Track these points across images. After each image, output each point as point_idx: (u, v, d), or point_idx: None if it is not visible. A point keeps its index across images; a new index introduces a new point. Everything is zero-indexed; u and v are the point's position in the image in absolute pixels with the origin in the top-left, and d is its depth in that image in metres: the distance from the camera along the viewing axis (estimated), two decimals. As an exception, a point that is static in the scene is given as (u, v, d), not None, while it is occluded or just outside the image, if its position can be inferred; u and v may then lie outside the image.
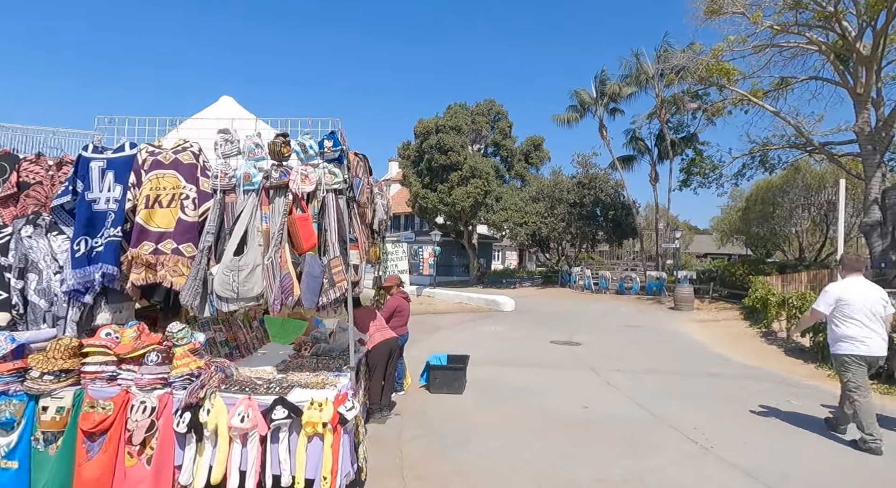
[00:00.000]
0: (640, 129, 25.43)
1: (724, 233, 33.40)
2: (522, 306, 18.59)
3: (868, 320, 4.56)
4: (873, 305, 4.57)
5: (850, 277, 4.81)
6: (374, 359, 5.08)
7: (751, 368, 8.27)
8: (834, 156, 20.46)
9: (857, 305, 4.58)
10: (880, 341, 4.54)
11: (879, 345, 4.54)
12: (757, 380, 7.38)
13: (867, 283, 4.75)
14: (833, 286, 4.82)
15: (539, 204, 27.76)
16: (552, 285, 28.99)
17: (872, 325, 4.55)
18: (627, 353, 9.55)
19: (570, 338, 11.41)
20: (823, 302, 4.77)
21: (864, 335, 4.54)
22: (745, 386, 6.98)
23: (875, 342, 4.53)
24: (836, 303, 4.68)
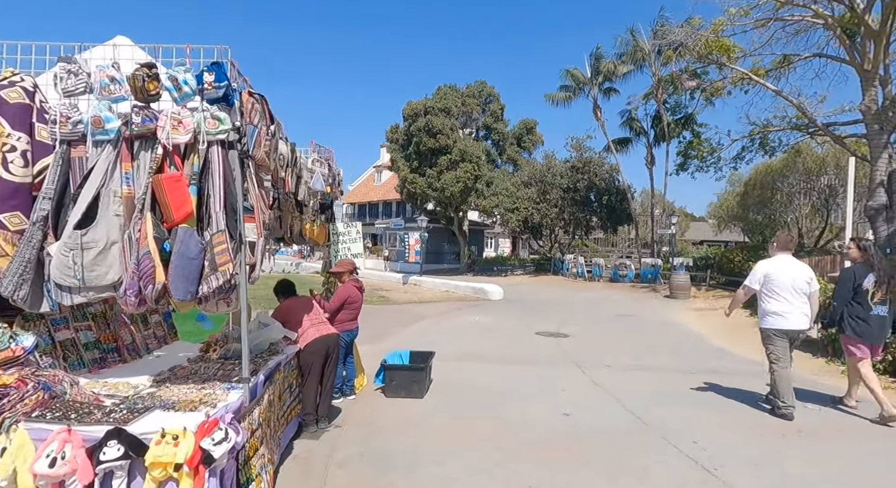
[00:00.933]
0: (635, 111, 24.43)
1: (722, 220, 32.55)
2: (511, 295, 17.73)
3: (791, 296, 4.77)
4: (797, 283, 4.77)
5: (779, 255, 4.99)
6: (307, 360, 4.16)
7: (754, 364, 7.40)
8: (838, 137, 19.52)
9: (782, 282, 4.78)
10: (801, 316, 4.79)
11: (800, 320, 4.79)
12: (763, 379, 6.52)
13: (794, 262, 4.94)
14: (762, 263, 5.02)
15: (531, 189, 26.80)
16: (545, 273, 28.15)
17: (795, 301, 4.77)
18: (618, 346, 8.69)
19: (557, 328, 10.55)
20: (754, 278, 4.98)
21: (785, 310, 4.77)
22: (751, 387, 6.12)
23: (795, 317, 4.77)
24: (764, 280, 4.88)
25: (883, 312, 4.72)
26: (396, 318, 11.50)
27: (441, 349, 7.78)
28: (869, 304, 4.70)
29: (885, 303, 4.71)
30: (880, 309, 4.71)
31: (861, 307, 4.74)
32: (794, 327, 4.80)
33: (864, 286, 4.74)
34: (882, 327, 4.76)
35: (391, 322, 10.89)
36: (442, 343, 8.44)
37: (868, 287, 4.72)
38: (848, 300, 4.83)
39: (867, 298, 4.72)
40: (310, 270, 28.89)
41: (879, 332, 4.77)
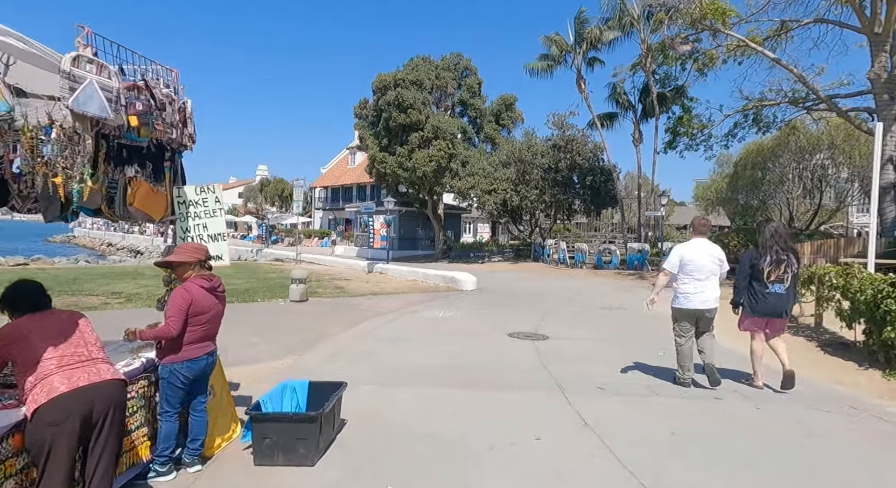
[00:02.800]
0: (622, 83, 22.62)
1: (710, 203, 31.16)
2: (486, 284, 15.90)
3: (705, 278, 5.04)
4: (710, 265, 5.04)
5: (695, 239, 5.22)
6: (41, 440, 2.17)
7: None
8: (842, 110, 17.98)
9: (696, 264, 5.02)
10: (711, 296, 5.08)
11: (710, 299, 5.08)
12: (812, 406, 4.77)
13: (708, 244, 5.18)
14: (678, 247, 5.25)
15: (510, 169, 24.89)
16: (524, 259, 26.44)
17: (707, 283, 5.05)
18: (610, 353, 6.89)
19: (535, 328, 8.73)
20: (672, 262, 5.15)
21: (694, 291, 5.04)
22: (801, 421, 4.35)
23: (704, 297, 5.05)
24: (680, 263, 5.07)
25: (780, 290, 5.04)
26: (344, 315, 9.57)
27: (382, 361, 5.90)
28: (765, 283, 5.03)
29: (781, 281, 5.02)
30: (777, 287, 5.03)
31: (759, 285, 5.08)
32: (702, 307, 5.10)
33: (760, 266, 5.05)
34: (778, 302, 5.08)
35: (336, 320, 8.96)
36: (386, 352, 6.54)
37: (763, 267, 5.03)
38: (746, 280, 5.16)
39: (764, 278, 5.03)
40: (270, 257, 26.68)
41: (775, 306, 5.09)
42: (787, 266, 5.00)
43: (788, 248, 5.09)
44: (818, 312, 8.15)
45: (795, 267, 5.06)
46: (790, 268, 5.00)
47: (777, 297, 5.05)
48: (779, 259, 4.99)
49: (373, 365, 5.86)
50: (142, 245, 42.55)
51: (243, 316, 9.07)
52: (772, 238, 5.06)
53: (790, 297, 5.15)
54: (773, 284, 5.01)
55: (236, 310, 9.74)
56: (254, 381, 5.09)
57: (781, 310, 5.14)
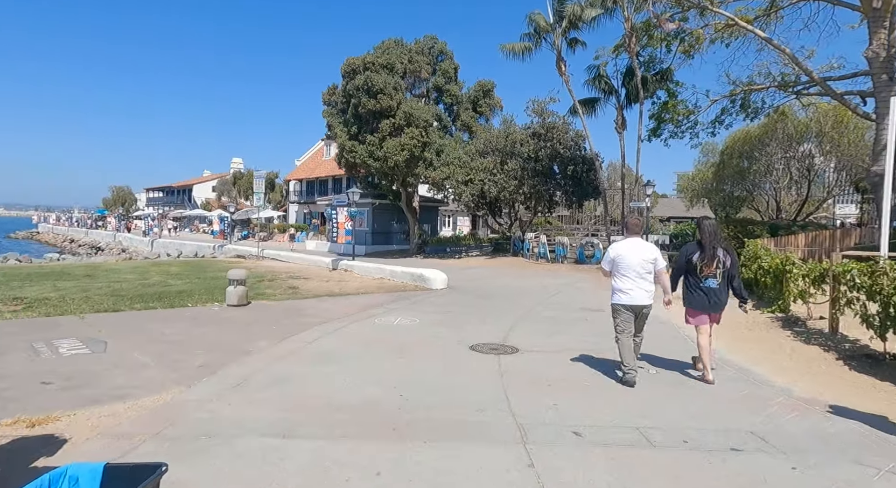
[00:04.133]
0: (604, 66, 21.31)
1: (696, 193, 30.19)
2: (458, 282, 14.56)
3: (637, 276, 5.13)
4: (643, 263, 5.12)
5: (629, 238, 5.35)
6: None
7: (821, 410, 4.40)
8: (836, 92, 16.93)
9: (628, 262, 5.14)
10: (645, 293, 5.14)
11: (642, 296, 5.14)
12: (860, 459, 3.49)
13: (641, 243, 5.29)
14: (614, 245, 5.40)
15: (487, 159, 23.50)
16: (503, 254, 25.17)
17: (640, 280, 5.13)
18: (588, 371, 5.58)
19: (504, 337, 7.39)
20: (606, 259, 5.37)
21: (629, 287, 5.15)
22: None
23: (638, 293, 5.13)
24: (614, 260, 5.23)
25: (713, 284, 5.20)
26: (282, 324, 8.12)
27: (295, 395, 4.52)
28: (699, 277, 5.23)
29: (714, 276, 5.18)
30: (710, 281, 5.20)
31: (693, 279, 5.28)
32: (638, 303, 5.17)
33: (693, 261, 5.25)
34: (712, 297, 5.21)
35: (267, 331, 7.51)
36: (307, 379, 5.13)
37: (696, 262, 5.23)
38: (680, 273, 5.42)
39: (697, 272, 5.23)
40: (231, 254, 24.96)
41: (711, 302, 5.22)
42: (718, 262, 5.19)
43: (722, 245, 5.28)
44: (834, 316, 6.94)
45: (728, 263, 5.22)
46: (721, 265, 5.19)
47: (711, 292, 5.23)
48: (713, 255, 5.18)
49: (280, 400, 4.45)
50: (103, 241, 40.40)
51: (156, 326, 7.56)
52: (708, 234, 5.24)
53: (724, 292, 5.29)
54: (706, 279, 5.22)
55: (152, 318, 8.24)
56: (90, 437, 3.63)
57: (717, 304, 5.28)
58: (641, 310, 5.22)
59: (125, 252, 32.54)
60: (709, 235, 5.22)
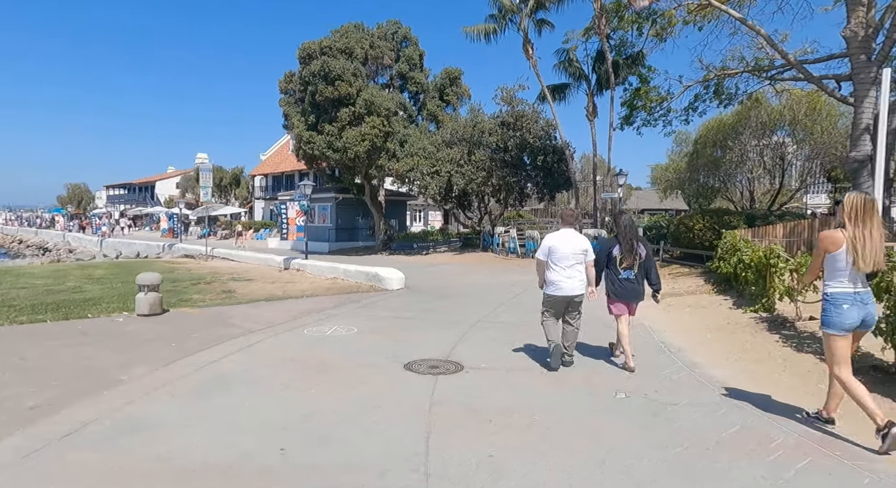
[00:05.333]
0: (574, 50, 20.32)
1: (670, 184, 29.54)
2: (418, 281, 13.40)
3: (569, 266, 5.25)
4: (575, 253, 5.25)
5: (563, 229, 5.47)
6: None
7: (853, 464, 3.35)
8: (814, 75, 16.21)
9: (561, 253, 5.24)
10: (576, 283, 5.28)
11: (574, 286, 5.27)
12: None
13: (574, 234, 5.41)
14: (548, 236, 5.51)
15: (454, 149, 22.33)
16: (473, 249, 24.09)
17: (570, 271, 5.26)
18: (543, 401, 4.47)
19: (451, 348, 6.26)
20: (541, 251, 5.38)
21: (560, 278, 5.26)
22: None
23: (569, 284, 5.26)
24: (549, 251, 5.30)
25: (630, 276, 5.38)
26: (192, 338, 6.82)
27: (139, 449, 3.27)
28: (618, 269, 5.40)
29: (632, 268, 5.36)
30: (628, 273, 5.38)
31: (613, 271, 5.44)
32: (569, 293, 5.27)
33: (613, 255, 5.44)
34: (630, 288, 5.42)
35: (162, 349, 6.20)
36: (163, 427, 3.86)
37: (616, 255, 5.41)
38: (603, 266, 5.52)
39: (616, 264, 5.40)
40: (179, 253, 23.27)
41: (629, 292, 5.43)
42: (635, 254, 5.37)
43: (638, 238, 5.49)
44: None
45: (643, 255, 5.41)
46: (638, 257, 5.37)
47: (629, 282, 5.43)
48: (630, 247, 5.36)
49: (103, 464, 3.19)
50: (52, 241, 37.92)
51: (23, 345, 6.18)
52: (625, 229, 5.42)
53: (640, 282, 5.48)
54: (624, 270, 5.40)
55: (29, 335, 6.85)
56: None
57: (635, 294, 5.48)
58: (573, 298, 5.35)
59: (72, 253, 30.44)
60: (625, 229, 5.44)
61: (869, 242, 3.32)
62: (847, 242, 3.37)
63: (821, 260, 3.56)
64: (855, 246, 3.35)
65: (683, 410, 4.17)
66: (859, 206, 3.37)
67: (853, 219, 3.39)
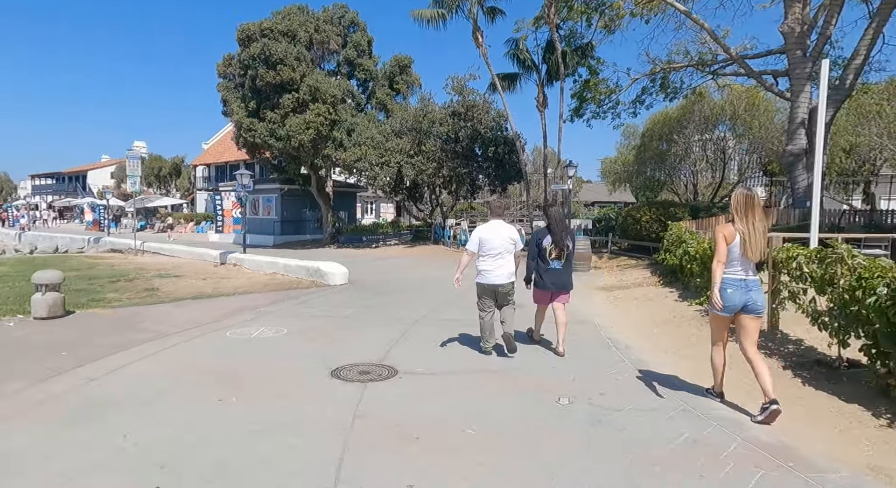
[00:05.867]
0: (524, 40, 20.02)
1: (618, 177, 30.02)
2: (363, 275, 12.80)
3: (499, 256, 5.38)
4: (504, 244, 5.37)
5: (492, 220, 5.61)
6: None
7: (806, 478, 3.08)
8: (753, 70, 16.60)
9: (491, 244, 5.36)
10: (505, 273, 5.42)
11: (503, 275, 5.41)
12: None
13: (503, 225, 5.51)
14: (478, 228, 5.65)
15: (404, 139, 21.68)
16: (424, 242, 23.60)
17: (499, 261, 5.40)
18: (481, 412, 4.04)
19: (386, 350, 5.75)
20: (472, 243, 5.48)
21: (490, 268, 5.40)
22: None
23: (498, 273, 5.40)
24: (479, 242, 5.39)
25: (558, 266, 5.56)
26: (92, 344, 6.00)
27: None
28: (547, 260, 5.54)
29: (560, 259, 5.54)
30: (556, 263, 5.55)
31: (542, 262, 5.58)
32: (499, 282, 5.42)
33: (543, 246, 5.55)
34: (557, 278, 5.57)
35: (50, 359, 5.39)
36: (16, 457, 3.16)
37: (546, 246, 5.54)
38: (535, 257, 5.63)
39: (546, 255, 5.53)
40: (105, 247, 21.56)
41: (555, 282, 5.57)
42: (564, 246, 5.51)
43: (566, 230, 5.64)
44: (774, 311, 5.86)
45: (570, 247, 5.58)
46: (566, 248, 5.53)
47: (557, 273, 5.57)
48: (561, 239, 5.48)
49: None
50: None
51: None
52: (555, 221, 5.56)
53: (567, 273, 5.64)
54: (553, 261, 5.53)
55: None
56: None
57: (563, 284, 5.62)
58: (500, 288, 5.45)
59: (-14, 248, 27.68)
60: (556, 221, 5.57)
61: (754, 234, 3.66)
62: (739, 234, 3.69)
63: (725, 251, 3.80)
64: (745, 237, 3.67)
65: (629, 417, 3.84)
66: (742, 202, 3.71)
67: (740, 214, 3.72)
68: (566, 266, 5.61)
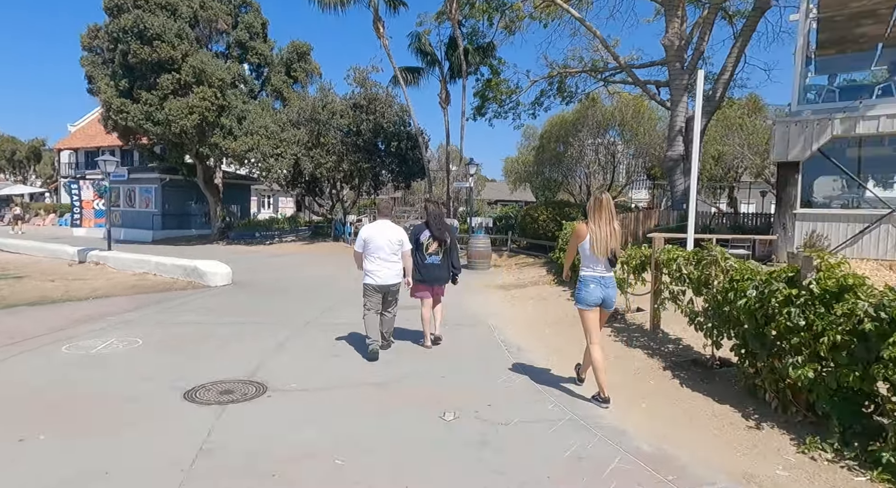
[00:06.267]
0: (427, 34, 19.77)
1: (519, 176, 30.91)
2: (253, 274, 11.82)
3: (385, 256, 5.36)
4: (390, 244, 5.33)
5: (379, 220, 5.57)
6: None
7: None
8: (639, 79, 17.72)
9: (376, 244, 5.33)
10: (391, 273, 5.40)
11: (390, 276, 5.40)
12: None
13: (390, 225, 5.47)
14: (364, 228, 5.60)
15: (302, 130, 20.49)
16: (324, 238, 22.56)
17: (388, 261, 5.38)
18: (365, 434, 3.59)
19: (259, 362, 5.09)
20: (358, 242, 5.45)
21: (376, 268, 5.36)
22: None
23: (385, 274, 5.38)
24: (364, 243, 5.37)
25: (436, 261, 5.67)
26: None
27: None
28: (424, 255, 5.62)
29: (437, 253, 5.65)
30: (434, 258, 5.65)
31: (420, 256, 5.63)
32: (385, 282, 5.39)
33: (421, 241, 5.63)
34: (434, 272, 5.68)
35: None
36: None
37: (423, 241, 5.63)
38: (413, 252, 5.56)
39: (424, 250, 5.62)
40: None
41: (433, 276, 5.69)
42: (441, 241, 5.63)
43: (444, 226, 5.72)
44: (656, 312, 6.02)
45: (448, 241, 5.69)
46: (443, 243, 5.65)
47: (434, 267, 5.66)
48: (438, 234, 5.61)
49: None
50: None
51: None
52: (433, 216, 5.67)
53: (444, 267, 5.74)
54: (430, 256, 5.62)
55: None
56: None
57: (440, 278, 5.74)
58: (389, 288, 5.45)
59: None
60: (434, 217, 5.68)
61: (600, 233, 3.94)
62: (589, 233, 3.99)
63: (575, 248, 4.17)
64: (592, 236, 3.97)
65: (515, 432, 3.59)
66: (592, 205, 4.05)
67: (591, 215, 4.04)
68: (444, 260, 5.70)
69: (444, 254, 5.71)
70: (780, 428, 3.49)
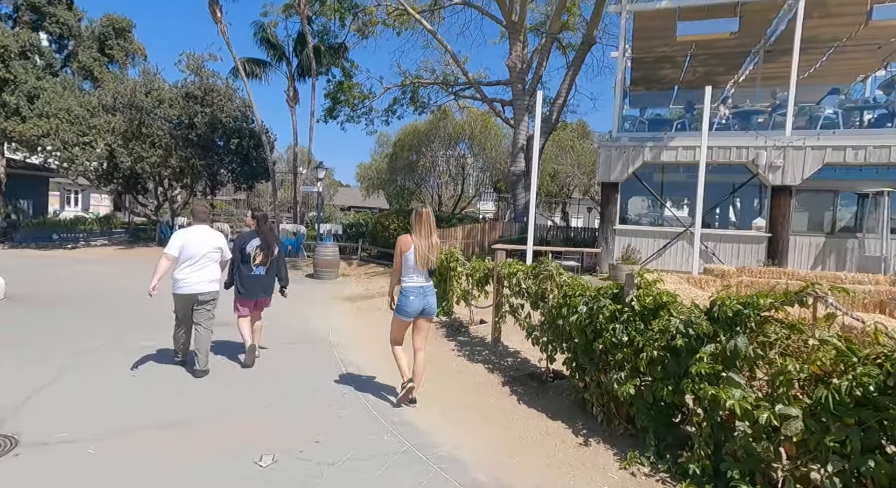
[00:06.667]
0: (273, 26, 18.43)
1: (372, 183, 30.51)
2: (37, 286, 9.68)
3: (198, 264, 4.95)
4: (209, 251, 5.00)
5: (196, 226, 5.15)
6: None
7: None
8: (487, 96, 18.57)
9: (193, 250, 4.93)
10: (205, 282, 4.99)
11: (206, 286, 4.98)
12: None
13: (209, 231, 5.14)
14: (179, 233, 5.09)
15: (119, 117, 17.59)
16: (147, 243, 19.65)
17: (203, 269, 4.98)
18: None
19: (16, 407, 3.91)
20: (171, 247, 4.96)
21: (187, 277, 4.94)
22: None
23: (199, 283, 4.95)
24: (181, 248, 4.94)
25: (261, 272, 5.37)
26: None
27: None
28: (251, 266, 5.30)
29: (265, 264, 5.37)
30: (260, 269, 5.36)
31: (245, 267, 5.30)
32: (197, 291, 4.98)
33: (247, 250, 5.30)
34: (260, 284, 5.38)
35: None
36: None
37: (250, 251, 5.30)
38: (238, 263, 5.33)
39: (250, 261, 5.30)
40: None
41: (258, 288, 5.36)
42: (270, 251, 5.41)
43: (273, 236, 5.53)
44: (497, 325, 6.07)
45: (276, 252, 5.49)
46: (272, 254, 5.42)
47: (259, 278, 5.39)
48: (264, 244, 5.38)
49: None
50: None
51: None
52: (260, 224, 5.44)
53: (271, 278, 5.50)
54: (256, 267, 5.36)
55: None
56: None
57: (266, 289, 5.47)
58: (198, 297, 5.05)
59: None
60: (267, 230, 5.49)
61: (420, 245, 4.07)
62: (413, 245, 4.09)
63: (400, 259, 4.16)
64: (416, 249, 4.08)
65: (344, 473, 3.16)
66: (414, 219, 4.17)
67: (414, 228, 4.15)
68: (270, 271, 5.48)
69: (271, 265, 5.46)
70: (605, 443, 3.58)
